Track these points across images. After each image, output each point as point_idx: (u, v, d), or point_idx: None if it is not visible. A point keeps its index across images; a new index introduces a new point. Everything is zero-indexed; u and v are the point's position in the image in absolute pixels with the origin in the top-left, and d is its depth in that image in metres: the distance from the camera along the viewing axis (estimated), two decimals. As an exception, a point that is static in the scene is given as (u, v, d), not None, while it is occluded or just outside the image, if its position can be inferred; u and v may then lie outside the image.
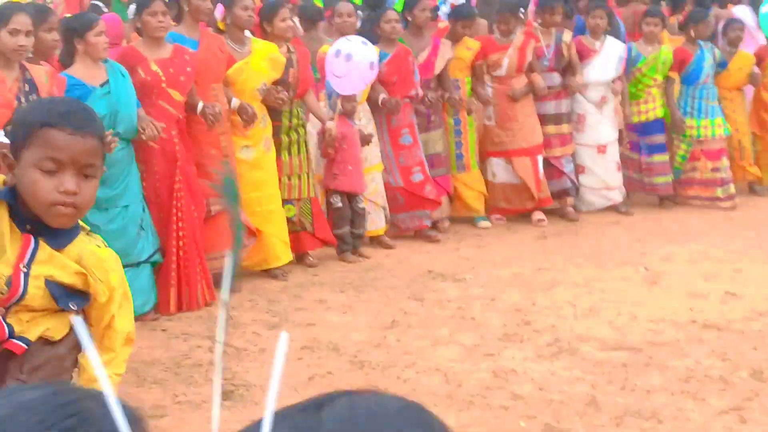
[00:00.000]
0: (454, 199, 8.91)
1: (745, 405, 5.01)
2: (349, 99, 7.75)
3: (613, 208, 9.35)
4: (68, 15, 6.90)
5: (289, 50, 7.53)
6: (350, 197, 7.88)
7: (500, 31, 8.88)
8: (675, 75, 9.34)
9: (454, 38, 8.77)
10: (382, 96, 8.07)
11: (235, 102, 6.99)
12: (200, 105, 6.63)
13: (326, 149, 7.66)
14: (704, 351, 5.77)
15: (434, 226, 8.66)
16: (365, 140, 7.91)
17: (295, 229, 7.55)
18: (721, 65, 9.54)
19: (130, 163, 6.35)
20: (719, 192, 9.42)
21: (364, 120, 8.07)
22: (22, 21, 5.37)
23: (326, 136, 7.57)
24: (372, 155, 8.12)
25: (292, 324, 6.29)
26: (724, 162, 9.44)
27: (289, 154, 7.52)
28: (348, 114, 7.79)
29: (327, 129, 7.54)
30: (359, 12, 8.89)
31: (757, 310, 6.47)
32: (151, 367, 5.59)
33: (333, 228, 7.82)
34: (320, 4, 9.68)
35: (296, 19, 8.61)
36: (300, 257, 7.72)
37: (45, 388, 0.99)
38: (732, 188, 9.46)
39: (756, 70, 9.65)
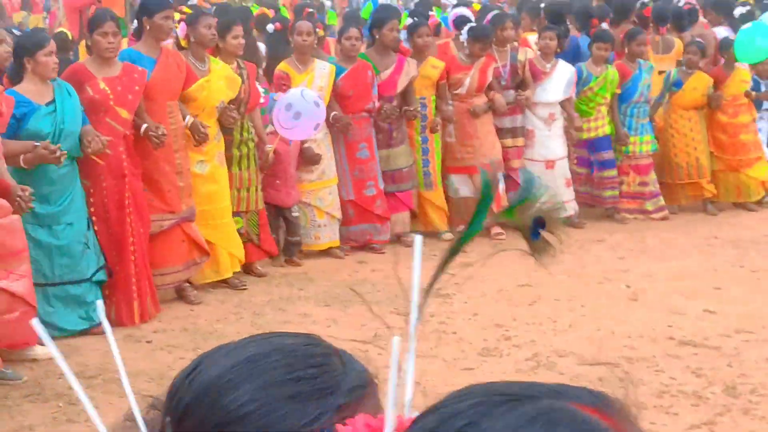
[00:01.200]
0: (418, 214, 9.07)
1: (717, 420, 5.12)
2: None
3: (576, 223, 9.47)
4: (26, 31, 6.94)
5: (239, 66, 7.70)
6: (283, 209, 8.16)
7: (471, 53, 8.98)
8: (618, 90, 9.66)
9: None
10: (334, 113, 8.24)
11: (189, 120, 7.10)
12: (143, 126, 6.72)
13: (262, 166, 7.88)
14: (679, 367, 5.88)
15: (398, 240, 8.81)
16: (313, 160, 8.16)
17: (243, 241, 7.74)
18: (676, 85, 9.85)
19: (74, 181, 6.41)
20: (648, 205, 9.78)
21: (321, 134, 8.25)
22: None
23: (264, 157, 7.82)
24: (329, 169, 8.37)
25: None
26: (652, 176, 9.79)
27: (239, 167, 7.69)
28: None
29: (264, 152, 7.81)
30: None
31: (733, 328, 6.57)
32: (135, 378, 5.67)
33: (287, 235, 8.22)
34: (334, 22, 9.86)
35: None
36: (247, 267, 7.89)
37: (301, 337, 1.15)
38: (661, 200, 9.81)
39: (718, 92, 9.83)
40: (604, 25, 10.54)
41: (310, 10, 12.06)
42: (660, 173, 9.96)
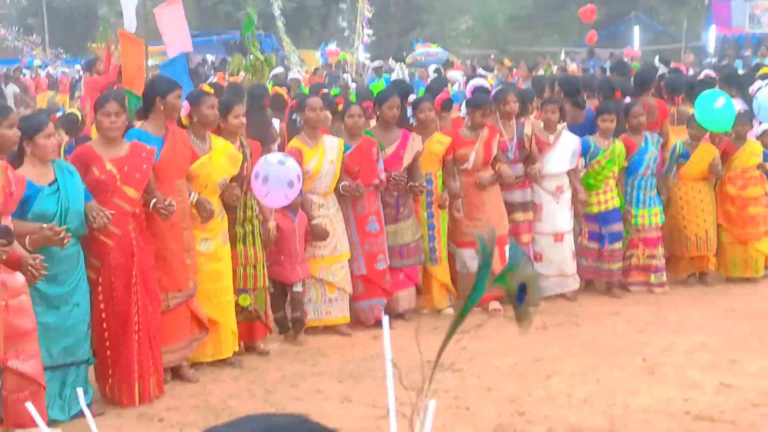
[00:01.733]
0: (422, 290, 9.07)
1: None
2: None
3: (611, 298, 9.53)
4: (25, 116, 6.95)
5: (242, 144, 7.75)
6: (287, 285, 8.17)
7: (473, 124, 9.03)
8: (625, 163, 9.66)
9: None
10: (343, 183, 8.31)
11: (194, 196, 7.14)
12: (152, 201, 6.73)
13: (266, 243, 7.89)
14: (695, 441, 5.80)
15: (401, 316, 8.80)
16: (321, 236, 8.18)
17: (250, 318, 7.77)
18: (683, 156, 9.85)
19: (79, 261, 6.36)
20: (652, 278, 9.71)
21: (333, 210, 8.34)
22: None
23: (265, 234, 7.85)
24: (341, 244, 8.39)
25: (287, 414, 6.33)
26: (660, 250, 9.72)
27: (244, 244, 7.70)
28: (290, 207, 8.00)
29: (268, 228, 7.85)
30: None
31: (750, 402, 6.50)
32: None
33: (273, 312, 8.15)
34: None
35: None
36: (250, 345, 7.90)
37: (293, 417, 1.17)
38: (663, 276, 9.75)
39: (717, 161, 9.79)
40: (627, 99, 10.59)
41: (326, 91, 12.23)
42: (669, 246, 9.90)
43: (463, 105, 9.37)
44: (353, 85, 18.89)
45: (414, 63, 26.04)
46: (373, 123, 9.18)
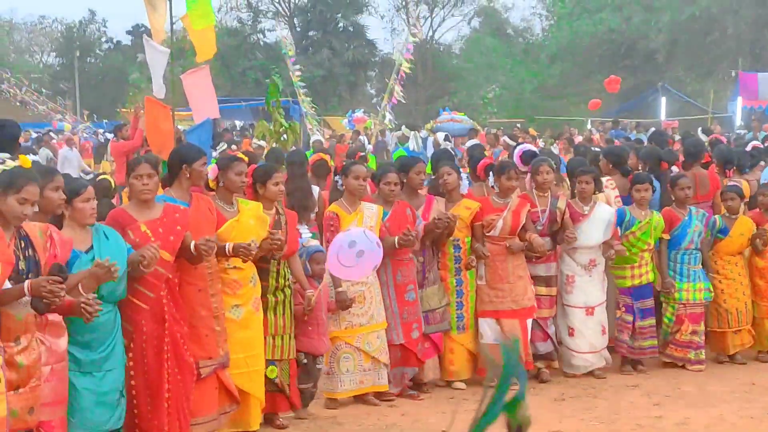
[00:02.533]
0: (443, 359, 8.93)
1: None
2: (318, 260, 7.99)
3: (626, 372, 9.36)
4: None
5: (278, 212, 7.71)
6: (312, 355, 7.96)
7: (501, 190, 8.99)
8: (665, 236, 9.42)
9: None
10: (397, 237, 8.19)
11: (229, 245, 6.95)
12: (192, 243, 6.60)
13: (304, 312, 7.75)
14: None
15: (423, 386, 8.72)
16: (344, 305, 8.04)
17: (275, 390, 7.57)
18: (722, 232, 9.63)
19: (115, 327, 6.26)
20: (692, 354, 9.41)
21: (371, 277, 8.18)
22: (32, 191, 5.37)
23: (305, 304, 7.70)
24: (378, 313, 8.26)
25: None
26: (702, 326, 9.44)
27: (275, 314, 7.55)
28: (315, 276, 7.98)
29: (306, 297, 7.68)
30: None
31: (768, 477, 6.42)
32: None
33: (299, 383, 7.88)
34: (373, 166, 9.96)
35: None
36: (269, 417, 7.70)
37: None
38: (703, 354, 9.44)
39: (762, 232, 9.60)
40: (675, 169, 10.54)
41: (362, 154, 12.29)
42: (706, 321, 9.60)
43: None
44: (369, 147, 19.01)
45: (436, 128, 26.17)
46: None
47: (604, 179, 10.04)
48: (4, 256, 5.20)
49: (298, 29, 55.74)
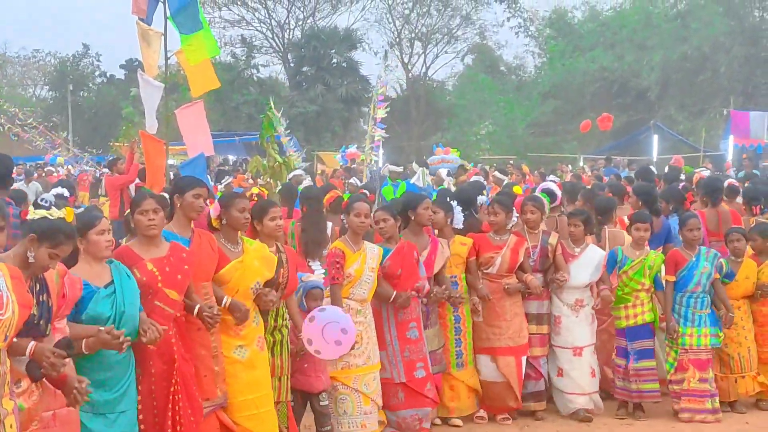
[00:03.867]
0: (441, 398, 8.86)
1: None
2: (315, 297, 7.91)
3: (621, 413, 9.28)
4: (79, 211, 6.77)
5: (278, 250, 7.54)
6: (311, 396, 7.83)
7: (498, 230, 9.07)
8: (671, 278, 9.20)
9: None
10: (395, 293, 8.16)
11: (227, 300, 6.87)
12: (197, 307, 6.51)
13: (295, 353, 7.66)
14: None
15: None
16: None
17: None
18: (728, 276, 9.37)
19: (129, 367, 6.08)
20: (708, 404, 9.09)
21: (369, 317, 8.10)
22: (66, 250, 5.28)
23: (299, 346, 7.56)
24: (373, 354, 8.12)
25: None
26: (711, 373, 9.12)
27: (272, 354, 7.40)
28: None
29: (300, 338, 7.50)
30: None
31: None
32: None
33: (318, 426, 7.84)
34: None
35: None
36: None
37: None
38: (717, 401, 9.13)
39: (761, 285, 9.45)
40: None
41: (366, 192, 12.24)
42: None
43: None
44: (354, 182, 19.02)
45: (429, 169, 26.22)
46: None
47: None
48: (23, 299, 5.03)
49: (292, 64, 55.89)
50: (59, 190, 8.93)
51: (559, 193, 10.62)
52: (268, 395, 7.13)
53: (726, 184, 12.09)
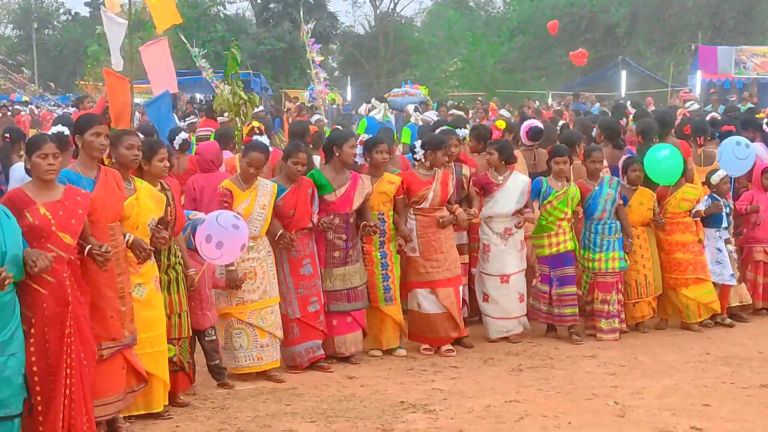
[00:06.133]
0: (371, 331, 9.06)
1: None
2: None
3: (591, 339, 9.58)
4: None
5: (163, 188, 7.47)
6: (198, 332, 7.92)
7: (432, 164, 9.11)
8: (579, 209, 9.70)
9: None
10: (279, 232, 8.34)
11: (129, 237, 6.77)
12: (87, 248, 6.37)
13: (187, 291, 7.64)
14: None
15: (348, 359, 8.85)
16: (234, 284, 8.05)
17: (174, 369, 7.43)
18: (622, 201, 9.79)
19: (15, 310, 5.96)
20: (602, 323, 9.60)
21: (263, 253, 8.28)
22: None
23: (188, 283, 7.59)
24: (271, 288, 8.30)
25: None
26: (613, 296, 9.60)
27: (168, 292, 7.38)
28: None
29: (189, 277, 7.59)
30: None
31: (720, 445, 6.52)
32: None
33: (208, 360, 8.11)
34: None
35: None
36: (171, 397, 7.48)
37: None
38: (616, 322, 9.63)
39: (655, 208, 9.95)
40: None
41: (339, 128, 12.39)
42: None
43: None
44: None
45: (390, 101, 26.25)
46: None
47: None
48: None
49: (259, 1, 55.38)
50: (60, 128, 8.86)
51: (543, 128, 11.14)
52: (162, 335, 7.17)
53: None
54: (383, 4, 59.01)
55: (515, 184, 9.53)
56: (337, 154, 8.77)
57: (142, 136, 8.04)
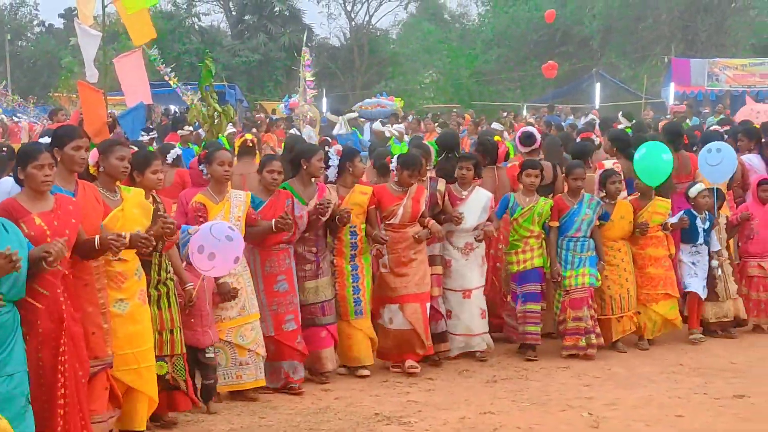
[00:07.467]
0: (341, 346, 8.93)
1: None
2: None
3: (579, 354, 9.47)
4: None
5: (155, 200, 7.39)
6: (197, 350, 7.70)
7: (400, 182, 9.04)
8: (554, 224, 9.53)
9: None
10: (273, 220, 8.09)
11: (127, 235, 6.39)
12: (97, 238, 6.23)
13: (184, 306, 7.53)
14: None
15: (324, 375, 8.71)
16: (229, 295, 7.87)
17: (168, 388, 7.25)
18: (603, 217, 9.64)
19: (16, 328, 5.74)
20: (582, 341, 9.40)
21: (240, 267, 7.95)
22: None
23: (186, 298, 7.50)
24: (250, 304, 8.10)
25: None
26: (585, 312, 9.39)
27: (159, 308, 7.20)
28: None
29: (186, 291, 7.49)
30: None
31: (692, 456, 6.55)
32: None
33: (204, 379, 7.82)
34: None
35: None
36: (157, 416, 7.28)
37: None
38: (593, 338, 9.44)
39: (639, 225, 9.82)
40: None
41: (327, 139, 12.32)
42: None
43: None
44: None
45: (363, 113, 26.31)
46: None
47: (610, 161, 10.49)
48: None
49: (234, 13, 55.34)
50: (48, 139, 8.77)
51: (538, 136, 10.96)
52: (149, 350, 6.92)
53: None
54: (358, 17, 59.14)
55: (478, 199, 9.45)
56: (304, 167, 8.70)
57: (135, 148, 7.88)
